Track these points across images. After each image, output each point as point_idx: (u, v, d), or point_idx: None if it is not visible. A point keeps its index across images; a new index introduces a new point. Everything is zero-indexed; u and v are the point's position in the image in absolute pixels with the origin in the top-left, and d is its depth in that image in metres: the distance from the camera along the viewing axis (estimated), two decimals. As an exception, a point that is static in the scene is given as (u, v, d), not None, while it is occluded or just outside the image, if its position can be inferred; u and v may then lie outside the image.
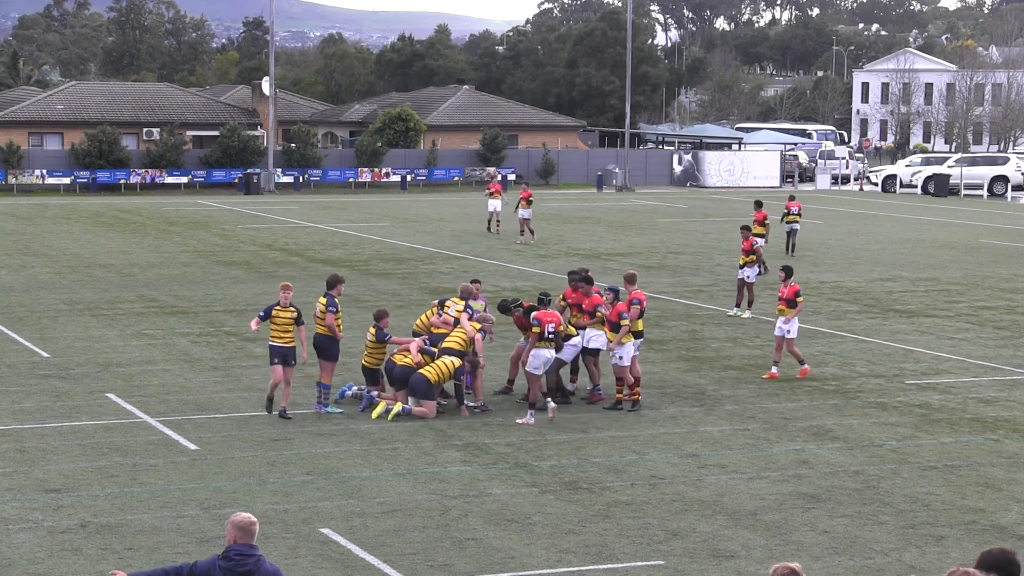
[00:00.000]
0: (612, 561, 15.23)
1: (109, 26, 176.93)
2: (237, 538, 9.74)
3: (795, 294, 25.09)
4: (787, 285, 25.20)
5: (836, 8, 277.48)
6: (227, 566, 9.65)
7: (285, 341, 21.51)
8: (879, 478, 18.59)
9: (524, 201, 49.03)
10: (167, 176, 76.01)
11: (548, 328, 21.70)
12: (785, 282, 25.29)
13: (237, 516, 9.82)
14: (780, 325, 25.03)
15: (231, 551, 9.71)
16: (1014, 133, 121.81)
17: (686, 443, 20.37)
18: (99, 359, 26.20)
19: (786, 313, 24.94)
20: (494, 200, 52.22)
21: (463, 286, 23.26)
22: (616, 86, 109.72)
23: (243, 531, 9.72)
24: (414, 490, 17.75)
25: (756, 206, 41.46)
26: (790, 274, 25.56)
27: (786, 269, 25.71)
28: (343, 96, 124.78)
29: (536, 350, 21.69)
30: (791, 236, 45.45)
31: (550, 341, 21.74)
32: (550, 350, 21.78)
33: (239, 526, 9.74)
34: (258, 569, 9.68)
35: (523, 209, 48.99)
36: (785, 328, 24.90)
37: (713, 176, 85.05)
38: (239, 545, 9.72)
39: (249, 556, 9.68)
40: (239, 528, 9.73)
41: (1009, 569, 8.80)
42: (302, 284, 37.26)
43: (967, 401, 23.52)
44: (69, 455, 19.22)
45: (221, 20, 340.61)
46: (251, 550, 9.69)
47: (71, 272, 39.48)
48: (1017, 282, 39.57)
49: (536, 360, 21.70)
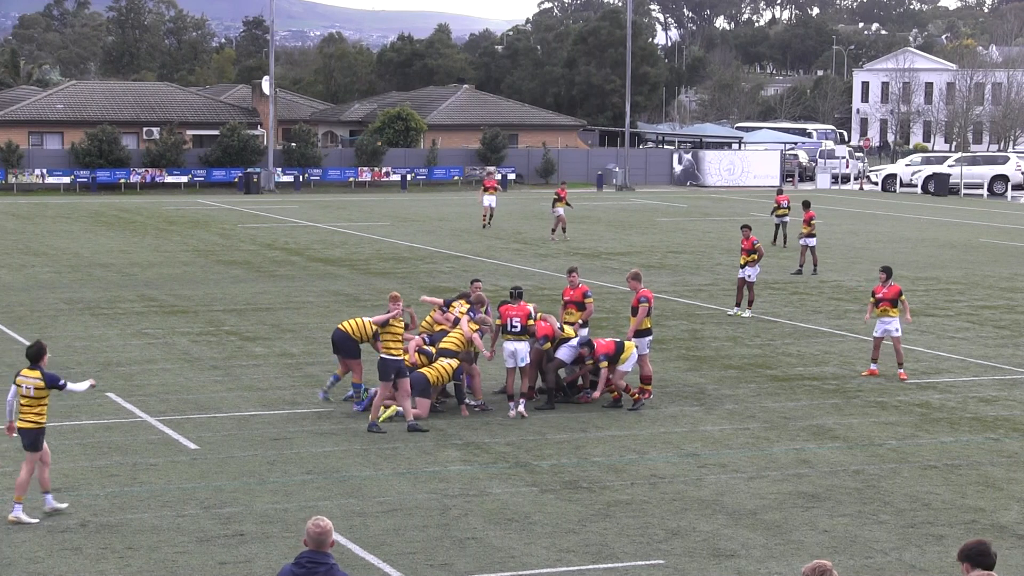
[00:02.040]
0: (612, 560, 15.23)
1: (109, 25, 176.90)
2: (308, 545, 9.76)
3: (898, 294, 25.14)
4: (888, 285, 25.11)
5: (836, 7, 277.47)
6: (299, 572, 9.67)
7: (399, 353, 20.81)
8: (879, 477, 18.59)
9: (563, 200, 49.46)
10: (167, 175, 76.02)
11: (512, 321, 21.94)
12: (886, 283, 25.16)
13: (311, 524, 9.78)
14: (883, 326, 25.04)
15: (303, 557, 9.73)
16: (1014, 132, 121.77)
17: (686, 443, 20.37)
18: (99, 359, 26.20)
19: (891, 313, 25.01)
20: (489, 196, 53.61)
21: (477, 296, 23.27)
22: (616, 85, 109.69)
23: (313, 540, 9.73)
24: (414, 490, 17.75)
25: (804, 206, 41.66)
26: (890, 274, 25.45)
27: (886, 270, 25.56)
28: (343, 96, 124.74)
29: (506, 343, 21.89)
30: (780, 228, 47.70)
31: (517, 335, 21.91)
32: (518, 342, 21.90)
33: (311, 535, 9.74)
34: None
35: (559, 207, 49.44)
36: (891, 328, 24.99)
37: (713, 175, 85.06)
38: (312, 552, 9.74)
39: (321, 564, 9.67)
40: (310, 537, 9.74)
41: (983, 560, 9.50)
42: (302, 284, 37.28)
43: (967, 400, 23.52)
44: (69, 455, 19.21)
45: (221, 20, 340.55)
46: (324, 558, 9.69)
47: (71, 272, 39.47)
48: (1017, 281, 39.57)
49: (504, 352, 21.88)
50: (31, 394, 16.36)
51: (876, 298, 25.34)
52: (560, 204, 49.61)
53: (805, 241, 40.72)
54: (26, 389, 16.38)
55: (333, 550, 15.60)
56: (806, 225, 40.62)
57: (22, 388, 16.42)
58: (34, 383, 16.37)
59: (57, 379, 16.54)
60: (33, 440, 16.35)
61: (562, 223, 49.62)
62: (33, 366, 16.48)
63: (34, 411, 16.36)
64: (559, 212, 49.59)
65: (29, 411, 16.36)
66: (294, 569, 9.70)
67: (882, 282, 25.33)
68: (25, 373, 16.51)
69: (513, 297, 22.50)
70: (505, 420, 21.57)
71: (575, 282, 23.78)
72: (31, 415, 16.36)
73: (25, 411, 16.39)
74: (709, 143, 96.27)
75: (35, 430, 16.35)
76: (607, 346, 22.24)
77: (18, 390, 16.47)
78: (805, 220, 40.75)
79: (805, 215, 40.94)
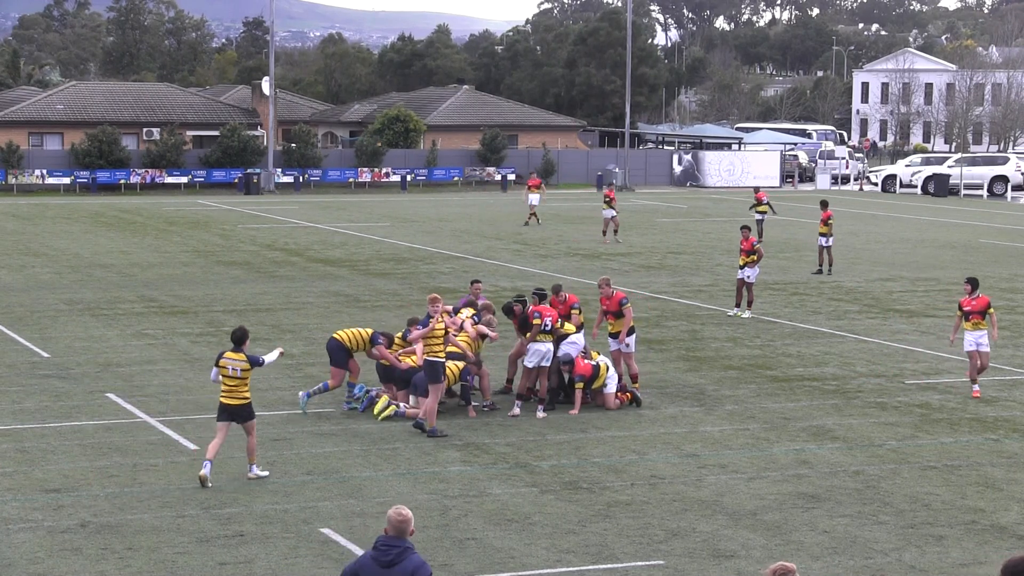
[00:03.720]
0: (612, 561, 15.23)
1: (109, 26, 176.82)
2: (389, 532, 10.12)
3: (987, 305, 23.87)
4: (975, 297, 23.85)
5: (836, 8, 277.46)
6: (375, 555, 10.05)
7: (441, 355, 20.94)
8: (879, 478, 18.59)
9: (610, 201, 49.31)
10: (167, 176, 76.02)
11: (547, 321, 21.97)
12: (972, 294, 23.89)
13: (393, 512, 10.13)
14: (975, 339, 23.77)
15: (380, 541, 10.09)
16: (1014, 133, 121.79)
17: (686, 443, 20.37)
18: (99, 359, 26.20)
19: (982, 326, 23.73)
20: (533, 194, 55.14)
21: (484, 304, 23.22)
22: (616, 86, 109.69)
23: (394, 527, 10.09)
24: (414, 490, 17.76)
25: (822, 206, 41.55)
26: (976, 285, 24.15)
27: (972, 281, 24.27)
28: (343, 96, 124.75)
29: (535, 344, 21.85)
30: (759, 224, 48.41)
31: (548, 334, 21.95)
32: (548, 343, 21.91)
33: (390, 520, 10.11)
34: (402, 560, 9.98)
35: (606, 209, 49.26)
36: (983, 341, 23.73)
37: (713, 176, 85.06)
38: (388, 536, 10.08)
39: (395, 547, 10.01)
40: (391, 524, 10.10)
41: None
42: (302, 284, 37.28)
43: (967, 401, 23.52)
44: (69, 455, 19.22)
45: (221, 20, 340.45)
46: (399, 542, 10.03)
47: (71, 272, 39.48)
48: (1017, 282, 39.58)
49: (536, 355, 21.83)
50: (238, 374, 17.83)
51: (964, 311, 23.88)
52: (606, 206, 49.27)
53: (822, 241, 40.63)
54: (232, 370, 17.83)
55: (333, 550, 15.64)
56: (823, 225, 40.52)
57: (227, 369, 17.86)
58: (240, 364, 17.84)
59: (258, 359, 18.08)
60: (246, 413, 17.95)
61: (615, 224, 49.26)
62: (237, 349, 17.92)
63: (241, 390, 17.88)
64: (610, 214, 49.17)
65: (237, 390, 17.87)
66: (372, 553, 10.08)
67: (968, 293, 23.97)
68: (230, 355, 17.93)
69: (541, 299, 22.49)
70: (505, 421, 21.58)
71: (608, 292, 23.22)
72: (240, 393, 17.88)
73: (233, 390, 17.86)
74: (709, 144, 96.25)
75: (244, 405, 17.92)
76: (585, 368, 22.21)
77: (221, 371, 17.90)
78: (822, 220, 40.60)
79: (823, 215, 40.75)
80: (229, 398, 17.89)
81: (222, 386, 17.96)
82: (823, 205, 41.59)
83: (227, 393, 17.90)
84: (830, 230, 40.65)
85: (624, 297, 23.45)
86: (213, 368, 18.18)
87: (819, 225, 40.98)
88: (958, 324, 24.21)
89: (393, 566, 9.94)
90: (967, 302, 23.98)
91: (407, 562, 9.96)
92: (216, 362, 18.11)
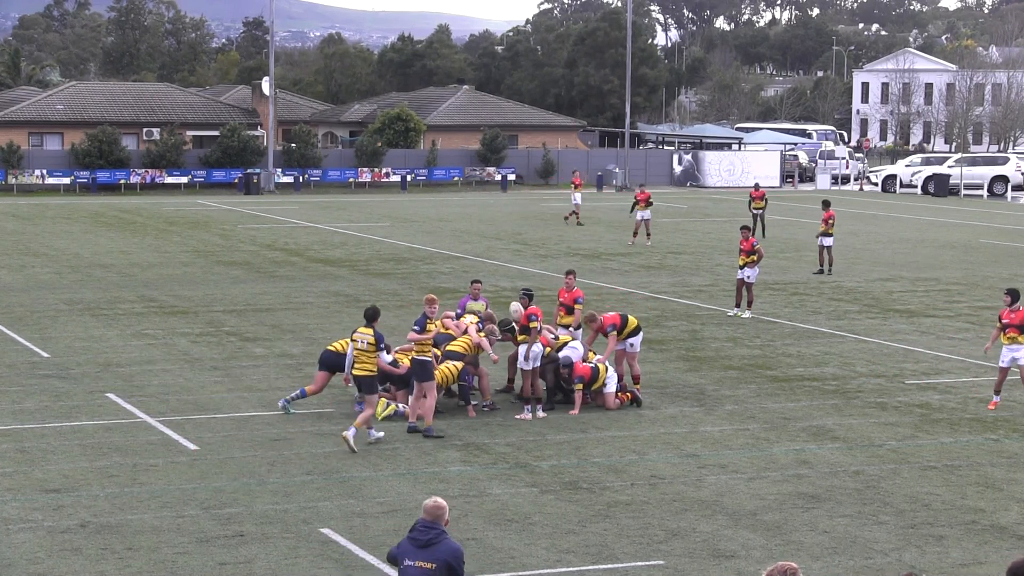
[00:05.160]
0: (612, 561, 15.23)
1: (109, 26, 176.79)
2: (424, 518, 10.81)
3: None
4: (1014, 309, 22.79)
5: (836, 8, 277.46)
6: (412, 536, 10.80)
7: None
8: (879, 478, 18.59)
9: (643, 203, 48.95)
10: (167, 176, 76.00)
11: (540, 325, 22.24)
12: (1012, 306, 22.86)
13: (429, 502, 10.86)
14: (1011, 354, 22.77)
15: (417, 524, 10.82)
16: (1014, 133, 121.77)
17: (686, 443, 20.37)
18: (99, 359, 26.20)
19: (1020, 340, 22.71)
20: (577, 193, 56.21)
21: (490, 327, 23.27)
22: (616, 86, 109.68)
23: (428, 513, 10.80)
24: (414, 490, 17.75)
25: (824, 206, 41.47)
26: (1016, 297, 22.97)
27: (1012, 292, 23.22)
28: (343, 96, 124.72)
29: (535, 346, 21.91)
30: (758, 220, 50.37)
31: (538, 333, 22.09)
32: (539, 344, 22.01)
33: (425, 508, 10.83)
34: (438, 543, 10.70)
35: (641, 211, 48.93)
36: (1020, 356, 22.79)
37: (713, 176, 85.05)
38: (425, 520, 10.79)
39: (431, 530, 10.74)
40: (425, 510, 10.82)
41: None
42: (302, 284, 37.28)
43: (967, 401, 23.52)
44: (69, 455, 19.22)
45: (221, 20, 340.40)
46: (435, 525, 10.75)
47: (71, 272, 39.47)
48: (1017, 282, 39.50)
49: (534, 357, 21.85)
50: (364, 347, 19.66)
51: (1003, 323, 22.92)
52: (640, 207, 48.84)
53: (822, 240, 40.59)
54: (361, 343, 19.69)
55: (333, 550, 15.64)
56: (824, 224, 40.46)
57: (358, 343, 19.75)
58: (368, 338, 19.67)
59: (382, 339, 19.85)
60: (369, 385, 19.72)
61: (646, 226, 48.85)
62: (368, 324, 19.77)
63: (367, 363, 19.66)
64: (643, 216, 48.76)
65: (364, 363, 19.69)
66: (410, 535, 10.82)
67: (1007, 305, 22.95)
68: (361, 330, 19.83)
69: (530, 298, 22.74)
70: (505, 421, 21.58)
71: (571, 284, 23.92)
72: (365, 366, 19.69)
73: (362, 362, 19.68)
74: (709, 144, 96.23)
75: (369, 377, 19.69)
76: (583, 370, 22.25)
77: (354, 344, 19.81)
78: (824, 220, 40.53)
79: (824, 215, 40.71)
80: (357, 369, 19.72)
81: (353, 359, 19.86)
82: (825, 205, 41.53)
83: (356, 364, 19.73)
84: (830, 229, 40.57)
85: (581, 296, 23.90)
86: (350, 345, 20.21)
87: (820, 225, 40.92)
88: (996, 335, 23.36)
89: (429, 547, 10.67)
90: (1006, 314, 22.96)
91: (442, 544, 10.67)
92: (350, 336, 20.19)
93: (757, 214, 50.90)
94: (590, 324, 23.23)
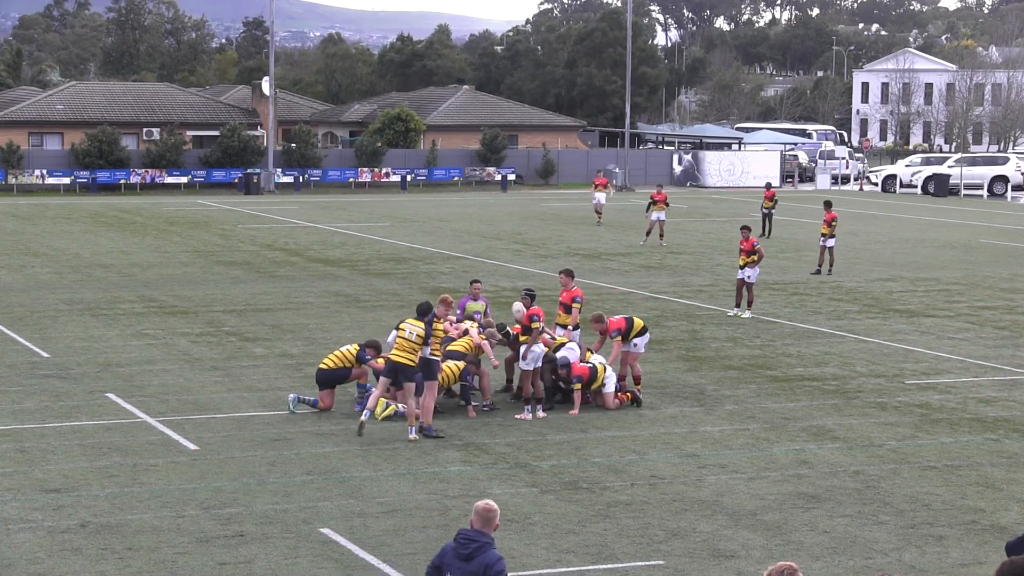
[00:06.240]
0: (612, 561, 15.23)
1: (109, 26, 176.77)
2: (474, 523, 10.32)
3: None
4: None
5: (836, 8, 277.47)
6: (454, 547, 10.31)
7: None
8: (879, 478, 18.59)
9: (661, 203, 48.82)
10: (167, 176, 76.01)
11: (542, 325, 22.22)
12: None
13: (481, 504, 10.36)
14: None
15: (461, 534, 10.31)
16: (1014, 133, 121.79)
17: (686, 443, 20.37)
18: (99, 359, 26.19)
19: None
20: (599, 192, 56.76)
21: (490, 331, 23.29)
22: (616, 86, 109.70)
23: (479, 517, 10.30)
24: (414, 490, 17.75)
25: (826, 206, 41.40)
26: None
27: None
28: (343, 96, 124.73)
29: (534, 347, 21.89)
30: (767, 219, 51.29)
31: (540, 333, 22.10)
32: (540, 344, 22.03)
33: (477, 512, 10.34)
34: (480, 554, 10.19)
35: (657, 211, 48.77)
36: None
37: (713, 176, 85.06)
38: (469, 530, 10.31)
39: (474, 541, 10.23)
40: (476, 514, 10.33)
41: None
42: (302, 284, 37.28)
43: (967, 401, 23.52)
44: (69, 455, 19.22)
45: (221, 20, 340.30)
46: (480, 536, 10.24)
47: (71, 272, 39.47)
48: (1017, 282, 39.57)
49: (533, 358, 21.84)
50: (412, 338, 20.12)
51: None
52: (656, 208, 48.67)
53: (824, 241, 40.53)
54: (409, 334, 20.16)
55: (333, 550, 15.64)
56: (826, 226, 40.37)
57: (405, 332, 20.20)
58: (418, 331, 20.12)
59: (428, 337, 20.12)
60: (408, 375, 20.12)
61: (660, 227, 48.66)
62: (419, 318, 20.23)
63: (412, 354, 20.11)
64: (658, 217, 48.59)
65: (406, 352, 20.12)
66: (452, 544, 10.35)
67: None
68: (411, 321, 20.27)
69: (533, 299, 22.70)
70: (505, 421, 21.58)
71: (565, 284, 23.83)
72: (408, 356, 20.12)
73: (406, 351, 20.11)
74: (709, 144, 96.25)
75: (410, 367, 20.09)
76: (581, 370, 22.25)
77: (399, 334, 20.29)
78: (826, 221, 40.47)
79: (826, 216, 40.67)
80: (398, 356, 20.14)
81: (394, 346, 20.35)
82: (827, 206, 41.51)
83: (397, 351, 20.18)
84: (832, 230, 40.48)
85: (579, 296, 23.78)
86: (392, 331, 20.96)
87: (822, 225, 40.86)
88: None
89: (471, 559, 10.19)
90: None
91: (484, 556, 10.17)
92: (396, 327, 20.71)
93: (766, 213, 51.28)
94: (596, 325, 23.21)
